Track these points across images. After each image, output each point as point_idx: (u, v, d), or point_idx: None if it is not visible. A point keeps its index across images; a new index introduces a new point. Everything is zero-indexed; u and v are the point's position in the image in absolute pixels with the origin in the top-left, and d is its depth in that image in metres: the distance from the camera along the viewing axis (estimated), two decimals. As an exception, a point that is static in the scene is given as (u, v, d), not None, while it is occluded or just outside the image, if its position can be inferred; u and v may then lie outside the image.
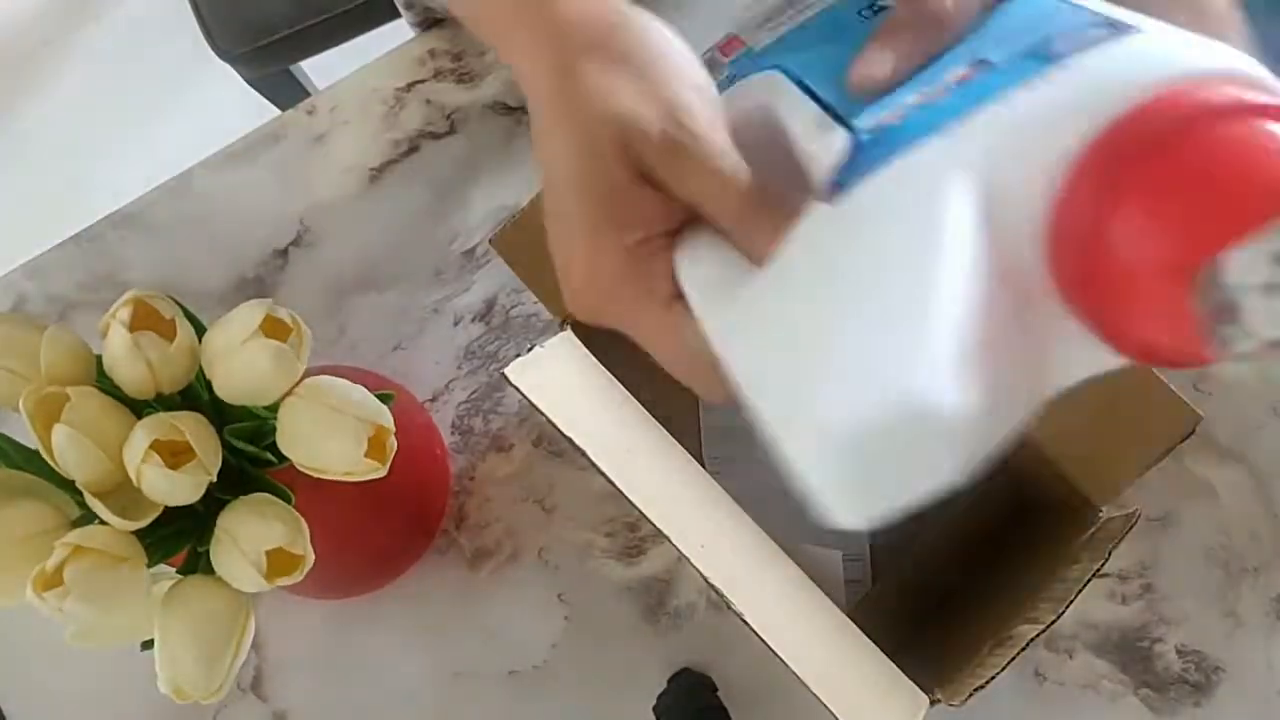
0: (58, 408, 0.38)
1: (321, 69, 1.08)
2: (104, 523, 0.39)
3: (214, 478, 0.40)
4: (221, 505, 0.42)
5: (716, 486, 0.49)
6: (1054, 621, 0.42)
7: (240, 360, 0.41)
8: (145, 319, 0.41)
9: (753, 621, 0.39)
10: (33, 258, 0.67)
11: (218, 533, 0.41)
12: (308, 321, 0.43)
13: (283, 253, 0.66)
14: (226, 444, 0.42)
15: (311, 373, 0.44)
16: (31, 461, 0.41)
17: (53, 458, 0.39)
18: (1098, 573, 0.43)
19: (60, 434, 0.38)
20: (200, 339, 0.43)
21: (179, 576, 0.42)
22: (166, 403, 0.42)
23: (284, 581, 0.41)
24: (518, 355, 0.42)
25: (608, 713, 0.59)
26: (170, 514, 0.41)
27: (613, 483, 0.42)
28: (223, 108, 1.03)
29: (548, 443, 0.62)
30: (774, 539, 0.49)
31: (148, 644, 0.41)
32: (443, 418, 0.63)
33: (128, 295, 0.41)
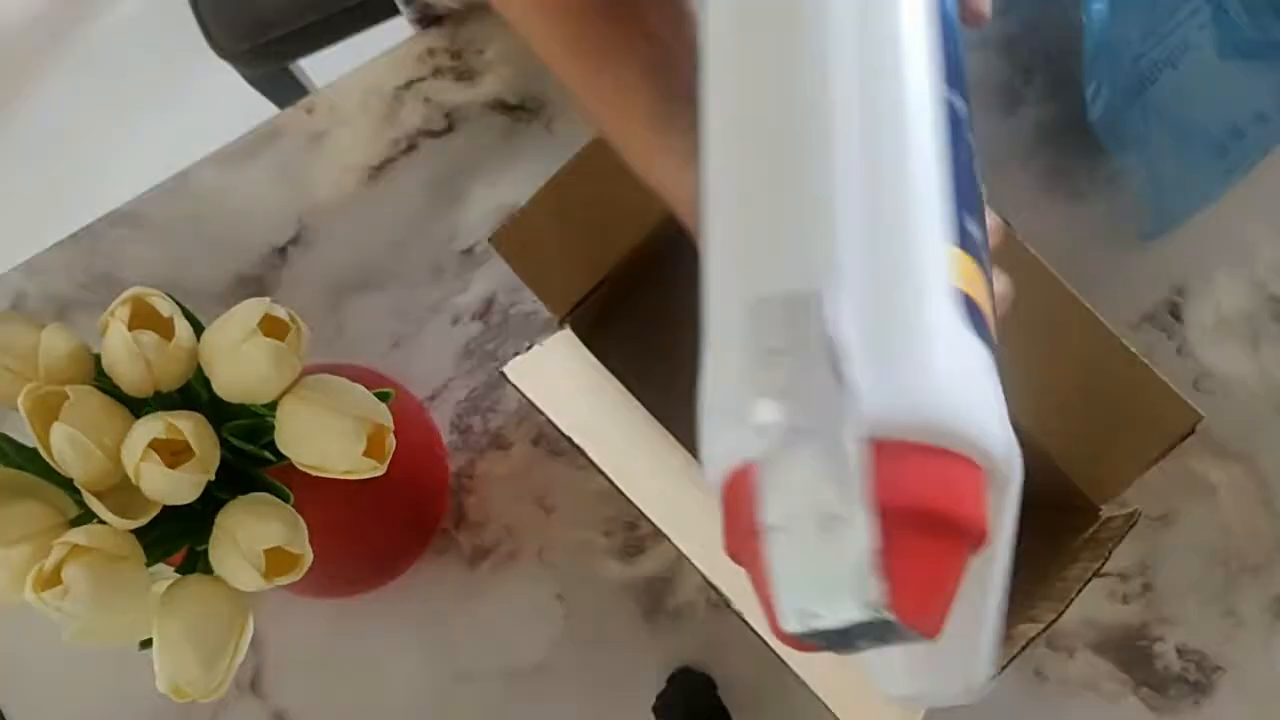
0: (56, 406, 0.38)
1: (320, 68, 1.07)
2: (103, 522, 0.39)
3: (212, 476, 0.40)
4: (220, 504, 0.42)
5: (716, 486, 0.49)
6: (1054, 621, 0.42)
7: (239, 359, 0.41)
8: (144, 318, 0.41)
9: (753, 621, 0.39)
10: (31, 256, 0.67)
11: (216, 532, 0.41)
12: (306, 320, 0.43)
13: (281, 251, 0.66)
14: (225, 443, 0.42)
15: (310, 371, 0.44)
16: (30, 460, 0.41)
17: (51, 457, 0.39)
18: (1098, 572, 0.43)
19: (59, 433, 0.38)
20: (199, 338, 0.43)
21: (178, 575, 0.42)
22: (165, 401, 0.42)
23: (282, 580, 0.41)
24: (517, 354, 0.42)
25: (607, 712, 0.59)
26: (169, 513, 0.41)
27: (612, 482, 0.42)
28: (222, 106, 1.03)
29: (547, 442, 0.62)
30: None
31: (146, 643, 0.41)
32: (442, 416, 0.63)
33: (126, 294, 0.41)
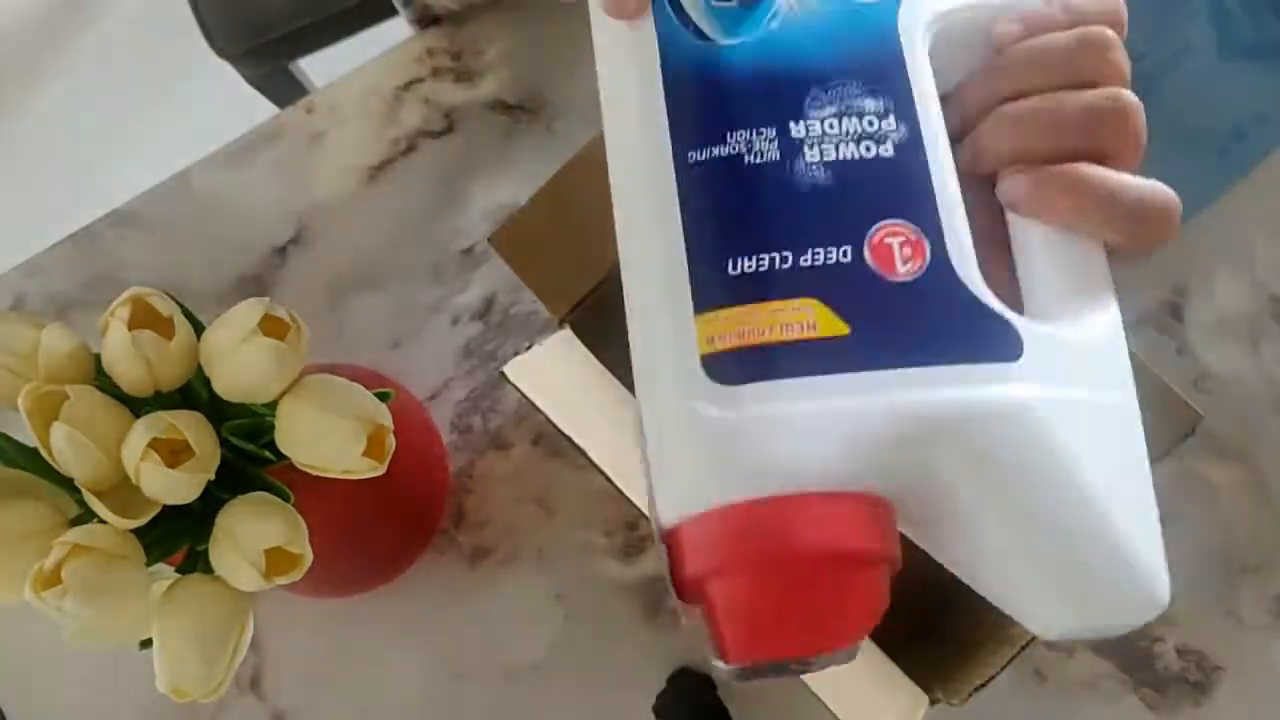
0: (56, 406, 0.38)
1: (320, 67, 1.08)
2: (102, 521, 0.39)
3: (212, 476, 0.40)
4: (220, 504, 0.42)
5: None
6: (1054, 620, 0.41)
7: (239, 359, 0.41)
8: (144, 317, 0.41)
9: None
10: (31, 256, 0.67)
11: (216, 531, 0.41)
12: (306, 320, 0.43)
13: (281, 251, 0.66)
14: (225, 442, 0.42)
15: (310, 371, 0.44)
16: (30, 460, 0.41)
17: (51, 456, 0.39)
18: (1098, 572, 0.43)
19: (59, 432, 0.38)
20: (199, 337, 0.43)
21: (177, 575, 0.42)
22: (165, 401, 0.42)
23: (283, 580, 0.41)
24: (516, 354, 0.42)
25: (607, 712, 0.59)
26: (169, 512, 0.41)
27: (612, 481, 0.42)
28: (221, 106, 1.03)
29: (547, 441, 0.62)
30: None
31: (146, 643, 0.41)
32: (441, 416, 0.63)
33: (126, 294, 0.41)
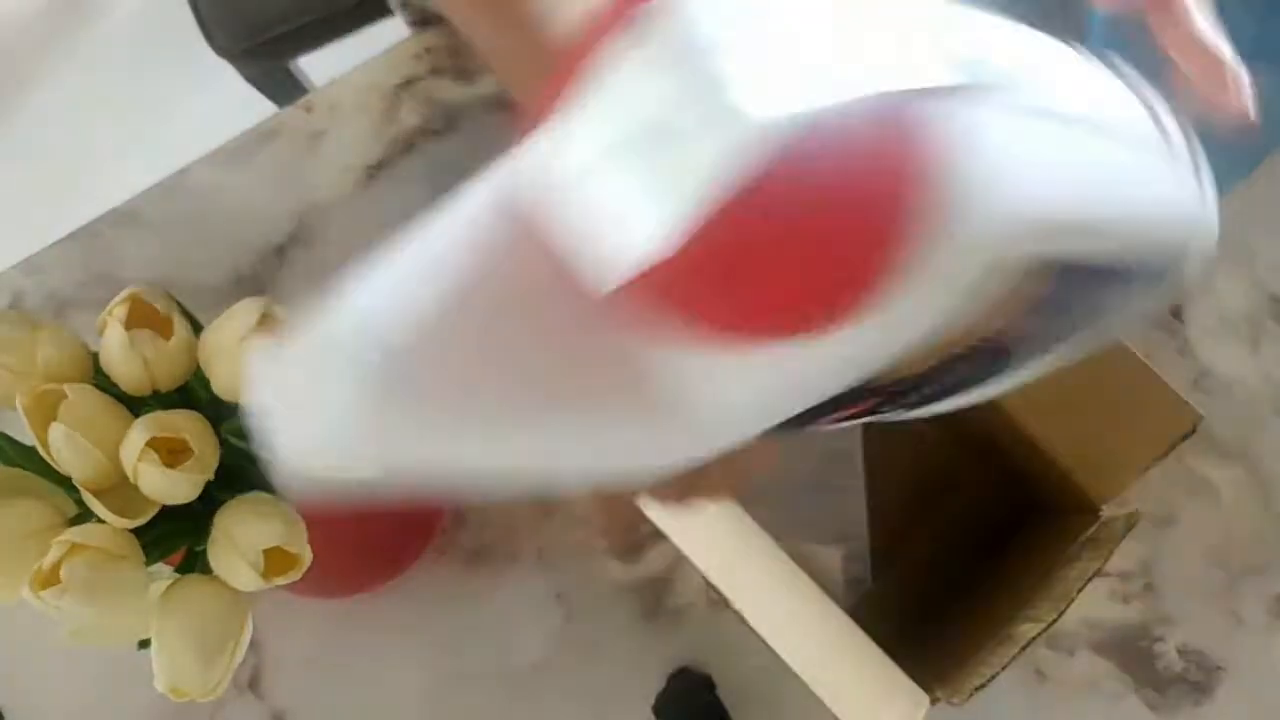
0: (55, 405, 0.38)
1: (320, 67, 1.07)
2: (101, 521, 0.39)
3: (211, 476, 0.40)
4: (219, 504, 0.41)
5: (716, 485, 0.49)
6: (1055, 620, 0.42)
7: (238, 358, 0.41)
8: (142, 316, 0.41)
9: (752, 620, 0.39)
10: (30, 255, 0.67)
11: (215, 531, 0.41)
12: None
13: (280, 250, 0.66)
14: (224, 442, 0.42)
15: (310, 370, 0.43)
16: (29, 459, 0.41)
17: (50, 455, 0.39)
18: (1098, 572, 0.43)
19: (57, 432, 0.38)
20: (197, 336, 0.42)
21: (176, 575, 0.42)
22: (164, 400, 0.42)
23: (281, 581, 0.41)
24: (517, 353, 0.42)
25: (607, 711, 0.59)
26: (167, 512, 0.40)
27: (612, 481, 0.41)
28: (220, 105, 1.03)
29: (547, 441, 0.62)
30: (773, 537, 0.49)
31: (145, 643, 0.40)
32: (441, 416, 0.63)
33: (125, 293, 0.41)
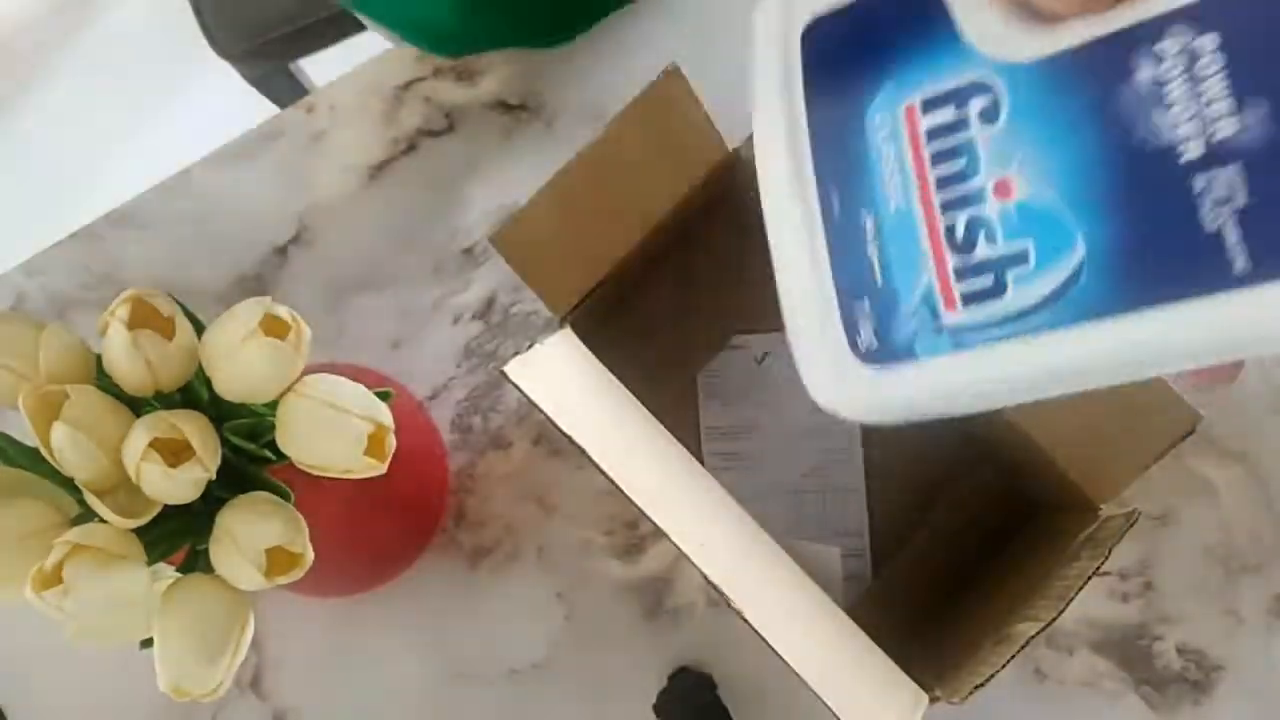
0: (57, 406, 0.38)
1: (320, 68, 1.08)
2: (103, 521, 0.39)
3: (213, 476, 0.40)
4: (221, 503, 0.42)
5: (716, 484, 0.49)
6: (1054, 619, 0.42)
7: (239, 358, 0.41)
8: (144, 317, 0.41)
9: (752, 620, 0.39)
10: (32, 256, 0.67)
11: (217, 531, 0.41)
12: (307, 319, 0.43)
13: (282, 251, 0.66)
14: (226, 442, 0.42)
15: (311, 371, 0.44)
16: (31, 460, 0.41)
17: (52, 456, 0.39)
18: (1098, 571, 0.43)
19: (59, 432, 0.38)
20: (199, 337, 0.43)
21: (178, 575, 0.42)
22: (165, 401, 0.42)
23: (283, 580, 0.41)
24: (517, 353, 0.42)
25: (607, 711, 0.59)
26: (169, 512, 0.41)
27: (612, 481, 0.42)
28: (222, 106, 1.03)
29: (547, 441, 0.62)
30: (773, 536, 0.49)
31: (147, 642, 0.41)
32: (442, 416, 0.63)
33: (126, 293, 0.41)
